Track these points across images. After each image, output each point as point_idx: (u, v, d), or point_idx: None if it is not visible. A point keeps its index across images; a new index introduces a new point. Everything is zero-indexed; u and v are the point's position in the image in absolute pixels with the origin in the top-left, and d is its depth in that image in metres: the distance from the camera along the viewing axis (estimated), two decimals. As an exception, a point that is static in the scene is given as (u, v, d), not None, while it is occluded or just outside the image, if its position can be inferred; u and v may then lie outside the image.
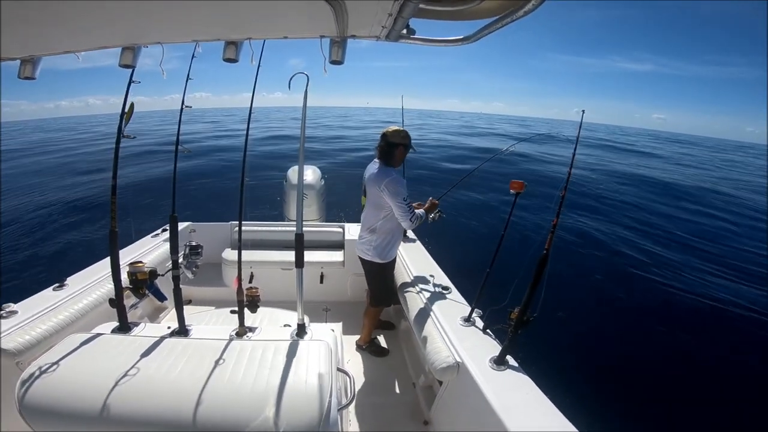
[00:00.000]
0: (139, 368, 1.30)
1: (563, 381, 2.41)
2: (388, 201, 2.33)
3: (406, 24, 0.99)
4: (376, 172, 2.39)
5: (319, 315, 3.15)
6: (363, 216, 2.62)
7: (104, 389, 1.21)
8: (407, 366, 2.67)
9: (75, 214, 8.43)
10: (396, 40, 1.10)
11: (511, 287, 1.77)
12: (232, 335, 1.67)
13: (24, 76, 1.22)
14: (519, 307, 1.70)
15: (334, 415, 1.21)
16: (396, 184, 2.30)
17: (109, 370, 1.28)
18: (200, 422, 1.15)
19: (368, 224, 2.52)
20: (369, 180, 2.44)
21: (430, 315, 2.28)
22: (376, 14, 0.92)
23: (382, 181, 2.31)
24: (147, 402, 1.20)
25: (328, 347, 1.45)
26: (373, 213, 2.48)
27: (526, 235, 6.03)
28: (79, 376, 1.28)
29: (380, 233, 2.49)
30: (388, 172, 2.35)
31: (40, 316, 1.96)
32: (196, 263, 2.32)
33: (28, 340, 1.77)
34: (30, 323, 1.88)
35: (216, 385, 1.24)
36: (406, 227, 2.46)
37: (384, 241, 2.51)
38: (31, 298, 2.13)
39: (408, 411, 2.29)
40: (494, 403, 1.52)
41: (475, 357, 1.80)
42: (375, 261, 2.55)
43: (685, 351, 4.22)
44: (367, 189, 2.48)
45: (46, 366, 1.28)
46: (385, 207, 2.40)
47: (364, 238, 2.56)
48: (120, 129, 1.57)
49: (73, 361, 1.33)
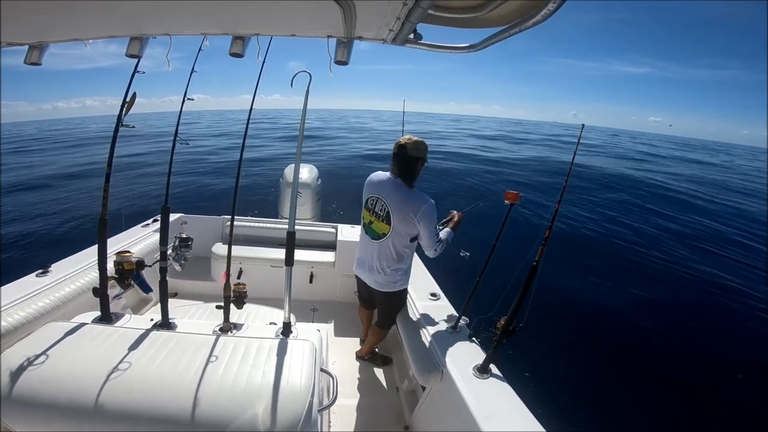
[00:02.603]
0: (121, 360, 1.27)
1: (545, 390, 2.42)
2: (421, 229, 2.08)
3: (413, 28, 1.00)
4: (405, 196, 2.09)
5: (306, 315, 3.12)
6: (380, 245, 2.21)
7: (83, 380, 1.19)
8: (392, 370, 2.66)
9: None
10: (402, 44, 1.11)
11: (500, 297, 1.78)
12: (216, 330, 1.66)
13: (30, 62, 1.23)
14: (505, 316, 1.72)
15: (314, 415, 1.20)
16: (433, 213, 2.07)
17: (87, 361, 1.26)
18: (180, 417, 1.13)
19: (392, 254, 2.20)
20: (394, 204, 2.11)
21: (417, 321, 2.28)
22: (384, 17, 0.93)
23: (419, 208, 2.04)
24: (127, 395, 1.18)
25: (313, 347, 1.44)
26: (401, 242, 2.17)
27: (520, 245, 6.08)
28: (56, 366, 1.24)
29: (407, 259, 2.27)
30: (422, 198, 2.08)
31: (19, 302, 1.91)
32: (185, 256, 2.29)
33: (5, 327, 1.72)
34: (8, 309, 1.83)
35: (197, 381, 1.22)
36: (430, 255, 2.20)
37: (408, 265, 2.32)
38: (12, 283, 2.08)
39: (390, 415, 2.28)
40: (475, 411, 1.53)
41: (459, 364, 1.81)
42: (403, 289, 2.36)
43: (676, 363, 4.26)
44: (393, 214, 2.10)
45: (23, 354, 1.25)
46: (415, 234, 2.14)
47: (391, 269, 2.23)
48: (119, 118, 1.56)
49: (52, 350, 1.30)
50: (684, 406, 3.60)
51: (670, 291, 5.89)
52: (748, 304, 5.63)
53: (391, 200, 2.12)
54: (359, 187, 2.32)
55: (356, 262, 2.47)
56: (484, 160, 17.45)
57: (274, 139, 24.95)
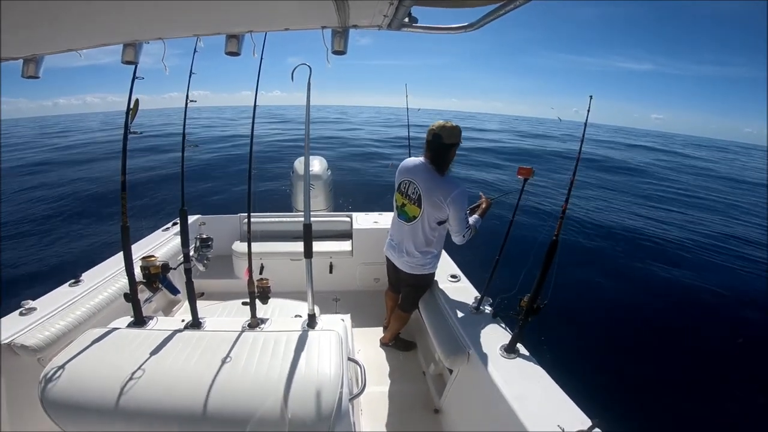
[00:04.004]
0: (155, 362, 1.33)
1: (576, 370, 2.40)
2: (450, 214, 2.11)
3: (408, 12, 0.96)
4: (437, 181, 2.11)
5: (329, 305, 3.17)
6: (411, 228, 2.26)
7: (123, 383, 1.24)
8: (418, 355, 2.69)
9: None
10: (398, 28, 1.07)
11: (521, 275, 1.76)
12: (244, 327, 1.70)
13: (27, 75, 1.23)
14: (529, 294, 1.69)
15: (345, 404, 1.22)
16: (464, 198, 2.09)
17: (126, 364, 1.31)
18: (215, 413, 1.18)
19: (423, 237, 2.24)
20: (424, 188, 2.14)
21: (439, 304, 2.28)
22: (377, 2, 0.90)
23: (450, 193, 2.06)
24: (163, 395, 1.23)
25: (339, 337, 1.46)
26: (430, 226, 2.20)
27: (536, 222, 5.97)
28: (98, 371, 1.31)
29: (438, 244, 2.30)
30: (454, 182, 2.10)
31: (58, 312, 2.00)
32: (207, 256, 2.35)
33: (48, 336, 1.80)
34: (49, 319, 1.92)
35: (230, 377, 1.26)
36: (457, 242, 2.22)
37: (439, 250, 2.36)
38: (48, 294, 2.18)
39: (419, 400, 2.31)
40: (505, 392, 1.52)
41: (485, 345, 1.81)
42: (431, 273, 2.41)
43: (711, 345, 4.14)
44: (423, 198, 2.14)
45: (67, 362, 1.31)
46: (444, 218, 2.17)
47: (420, 251, 2.28)
48: (126, 125, 1.58)
49: (92, 356, 1.36)
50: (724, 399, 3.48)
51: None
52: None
53: (423, 184, 2.15)
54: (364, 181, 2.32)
55: (387, 244, 2.51)
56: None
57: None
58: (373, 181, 10.83)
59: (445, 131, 2.08)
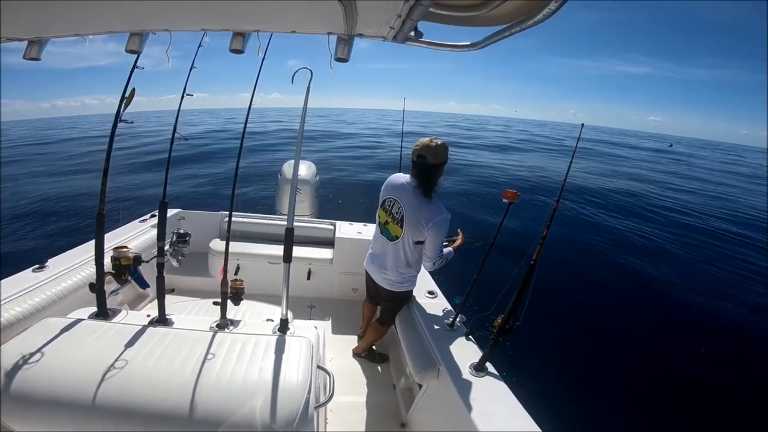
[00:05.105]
0: (117, 356, 1.27)
1: (541, 390, 2.44)
2: (428, 238, 2.09)
3: (414, 26, 1.00)
4: (422, 203, 2.07)
5: (303, 311, 3.12)
6: (393, 247, 2.22)
7: (79, 376, 1.18)
8: (389, 367, 2.67)
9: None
10: (403, 41, 1.11)
11: (499, 295, 1.78)
12: (213, 327, 1.66)
13: (29, 57, 1.22)
14: (502, 314, 1.72)
15: (311, 412, 1.20)
16: (445, 226, 2.07)
17: (85, 356, 1.25)
18: (176, 414, 1.13)
19: (404, 258, 2.22)
20: (408, 210, 2.10)
21: (414, 319, 2.29)
22: (385, 14, 0.93)
23: (433, 218, 2.03)
24: (123, 391, 1.17)
25: (310, 344, 1.44)
26: (410, 246, 2.17)
27: (520, 244, 6.10)
28: (53, 362, 1.23)
29: (417, 264, 2.29)
30: (439, 208, 2.06)
31: (16, 297, 1.90)
32: (182, 251, 2.28)
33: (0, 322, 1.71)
34: (5, 305, 1.82)
35: (194, 378, 1.22)
36: (426, 268, 2.27)
37: (418, 270, 2.35)
38: (9, 278, 2.07)
39: (386, 412, 2.28)
40: (470, 409, 1.54)
41: (456, 362, 1.82)
42: (409, 290, 2.42)
43: (674, 363, 4.26)
44: (406, 218, 2.10)
45: (19, 349, 1.24)
46: (422, 240, 2.13)
47: (399, 272, 2.26)
48: (118, 113, 1.54)
49: (48, 345, 1.29)
50: (677, 409, 3.62)
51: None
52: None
53: (407, 206, 2.12)
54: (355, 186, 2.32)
55: (368, 257, 2.48)
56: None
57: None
58: (364, 190, 10.82)
59: (430, 151, 2.00)
